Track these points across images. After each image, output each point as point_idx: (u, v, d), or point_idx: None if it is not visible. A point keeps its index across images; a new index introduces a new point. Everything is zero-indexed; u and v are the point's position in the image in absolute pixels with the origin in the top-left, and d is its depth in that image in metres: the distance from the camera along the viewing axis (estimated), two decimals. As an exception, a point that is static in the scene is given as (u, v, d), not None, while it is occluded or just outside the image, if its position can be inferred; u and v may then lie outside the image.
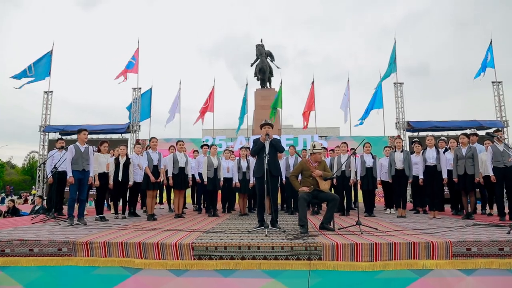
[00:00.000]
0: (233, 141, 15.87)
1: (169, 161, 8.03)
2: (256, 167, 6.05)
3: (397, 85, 16.71)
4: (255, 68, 20.19)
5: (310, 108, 18.18)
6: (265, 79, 20.29)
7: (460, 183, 7.35)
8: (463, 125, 16.46)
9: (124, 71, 16.17)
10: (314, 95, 18.50)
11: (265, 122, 6.06)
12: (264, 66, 20.08)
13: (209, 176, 8.27)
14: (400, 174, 7.82)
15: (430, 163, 7.51)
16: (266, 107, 19.30)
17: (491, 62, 16.78)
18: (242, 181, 8.66)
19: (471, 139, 8.24)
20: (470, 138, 8.26)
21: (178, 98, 17.69)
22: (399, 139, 8.08)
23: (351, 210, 8.88)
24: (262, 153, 5.89)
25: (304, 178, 5.93)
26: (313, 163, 5.98)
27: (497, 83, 16.74)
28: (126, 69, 16.20)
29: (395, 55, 16.83)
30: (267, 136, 5.86)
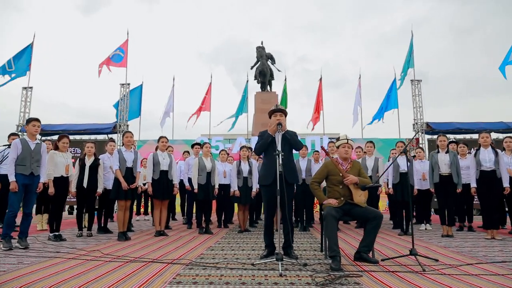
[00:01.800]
0: (231, 142, 14.13)
1: (148, 163, 6.28)
2: (262, 171, 4.32)
3: (415, 83, 15.04)
4: (255, 71, 19.40)
5: (319, 108, 16.52)
6: (265, 82, 19.22)
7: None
8: (489, 127, 14.72)
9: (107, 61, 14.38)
10: (321, 93, 16.84)
11: (276, 108, 4.34)
12: (264, 68, 19.04)
13: (201, 182, 6.52)
14: (446, 181, 6.07)
15: (486, 168, 5.78)
16: (266, 110, 17.59)
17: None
18: (242, 189, 6.91)
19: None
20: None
21: (172, 96, 15.96)
22: (444, 137, 6.35)
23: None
24: (272, 149, 4.18)
25: (330, 186, 4.21)
26: (343, 164, 4.25)
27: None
28: (110, 60, 14.43)
29: (412, 49, 15.19)
30: (279, 126, 4.13)
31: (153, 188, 6.10)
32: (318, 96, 16.98)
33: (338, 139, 4.34)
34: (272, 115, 4.36)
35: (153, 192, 6.11)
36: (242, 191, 6.89)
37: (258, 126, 17.19)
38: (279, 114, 4.29)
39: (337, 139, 4.33)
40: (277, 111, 4.31)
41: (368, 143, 7.26)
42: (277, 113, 4.30)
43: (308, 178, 7.18)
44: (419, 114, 14.81)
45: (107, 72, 13.93)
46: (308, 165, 7.41)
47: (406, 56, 15.29)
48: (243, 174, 6.98)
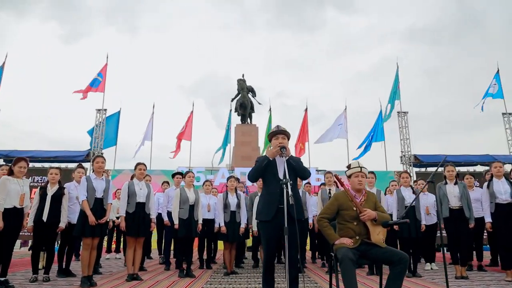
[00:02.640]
0: (213, 174, 13.31)
1: (122, 194, 5.41)
2: (262, 203, 3.57)
3: (401, 115, 14.87)
4: (235, 103, 19.37)
5: (304, 139, 16.02)
6: (245, 115, 19.21)
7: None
8: (476, 159, 14.55)
9: (88, 89, 13.63)
10: (307, 124, 16.41)
11: (277, 130, 3.68)
12: (245, 101, 19.07)
13: (182, 216, 5.68)
14: (456, 215, 5.46)
15: (502, 200, 5.23)
16: (246, 143, 17.63)
17: (499, 92, 15.27)
18: (229, 225, 6.08)
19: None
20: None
21: (151, 123, 15.15)
22: (452, 166, 5.80)
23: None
24: (273, 177, 3.50)
25: (342, 222, 3.50)
26: (356, 196, 3.58)
27: (508, 115, 15.16)
28: (89, 86, 13.68)
29: (398, 82, 15.10)
30: (283, 149, 3.45)
31: (127, 224, 5.21)
32: (303, 127, 16.54)
33: (348, 167, 3.67)
34: (273, 138, 3.68)
35: (127, 228, 5.21)
36: (229, 227, 6.07)
37: (238, 159, 16.60)
38: (281, 136, 3.62)
39: (347, 167, 3.67)
40: (279, 132, 3.64)
41: (369, 173, 6.66)
42: (279, 135, 3.63)
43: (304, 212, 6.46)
44: (407, 147, 14.51)
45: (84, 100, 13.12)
46: (303, 198, 6.69)
47: (392, 88, 15.18)
48: (230, 207, 6.18)
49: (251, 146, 17.98)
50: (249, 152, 17.44)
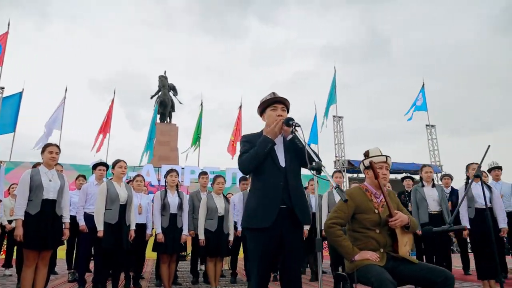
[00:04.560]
0: (136, 171, 11.59)
1: (19, 189, 3.76)
2: (254, 203, 2.40)
3: (337, 119, 14.73)
4: (155, 100, 17.74)
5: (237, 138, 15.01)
6: (165, 114, 18.11)
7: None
8: (403, 167, 15.03)
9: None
10: (241, 122, 15.45)
11: (275, 97, 2.56)
12: (166, 99, 18.01)
13: (110, 220, 4.22)
14: (436, 221, 4.89)
15: (480, 205, 4.77)
16: (165, 143, 16.36)
17: (423, 105, 16.03)
18: (168, 232, 4.74)
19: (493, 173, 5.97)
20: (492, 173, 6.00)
21: (61, 109, 12.81)
22: (430, 167, 5.24)
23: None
24: (273, 165, 2.39)
25: (360, 230, 2.56)
26: (377, 195, 2.64)
27: (430, 127, 15.97)
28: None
29: (335, 85, 14.96)
30: (291, 122, 2.35)
31: (26, 230, 3.58)
32: (237, 124, 15.54)
33: (367, 154, 2.70)
34: (268, 108, 2.56)
35: (26, 237, 3.58)
36: (167, 234, 4.73)
37: (155, 159, 15.14)
38: (281, 107, 2.53)
39: (365, 155, 2.70)
40: (278, 101, 2.54)
41: (337, 172, 5.83)
42: (278, 104, 2.53)
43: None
44: (341, 151, 14.39)
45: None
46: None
47: (329, 92, 14.99)
48: (169, 209, 4.85)
49: (170, 146, 16.73)
50: (167, 152, 16.24)
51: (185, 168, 11.78)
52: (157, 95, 18.41)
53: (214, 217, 4.93)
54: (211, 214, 4.94)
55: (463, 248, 6.37)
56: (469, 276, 6.02)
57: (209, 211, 4.95)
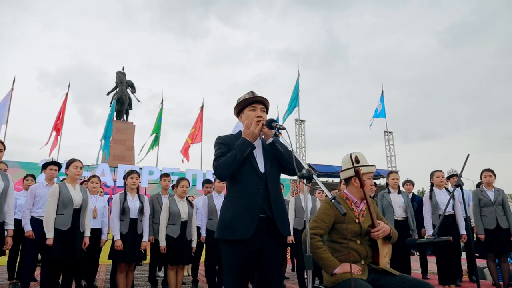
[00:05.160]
0: (90, 170, 10.94)
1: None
2: (231, 212, 2.19)
3: (299, 122, 14.80)
4: (112, 97, 16.98)
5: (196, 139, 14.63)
6: (122, 111, 17.43)
7: (491, 242, 4.80)
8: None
9: None
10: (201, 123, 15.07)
11: (254, 96, 2.37)
12: (123, 96, 17.34)
13: (61, 226, 3.81)
14: (401, 228, 4.92)
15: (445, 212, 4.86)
16: (120, 141, 15.75)
17: (382, 112, 16.52)
18: (127, 238, 4.40)
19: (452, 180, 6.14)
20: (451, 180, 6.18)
21: (8, 101, 11.80)
22: (396, 174, 5.29)
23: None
24: (249, 169, 2.20)
25: (339, 241, 2.44)
26: (357, 203, 2.53)
27: (388, 133, 16.49)
28: None
29: (298, 90, 15.02)
30: (274, 124, 2.17)
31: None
32: (197, 125, 15.14)
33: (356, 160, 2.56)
34: (246, 108, 2.37)
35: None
36: (127, 241, 4.39)
37: (111, 158, 14.51)
38: (260, 107, 2.35)
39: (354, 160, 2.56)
40: (257, 101, 2.36)
41: None
42: (257, 105, 2.35)
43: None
44: (302, 155, 14.46)
45: None
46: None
47: (292, 95, 15.04)
48: (129, 214, 4.51)
49: (126, 145, 16.12)
50: (122, 151, 15.64)
51: (143, 169, 11.28)
52: (114, 92, 17.69)
53: (177, 223, 4.65)
54: (174, 220, 4.66)
55: (422, 252, 6.51)
56: (427, 280, 6.16)
57: (172, 216, 4.66)
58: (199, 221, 5.45)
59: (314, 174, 1.73)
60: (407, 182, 6.49)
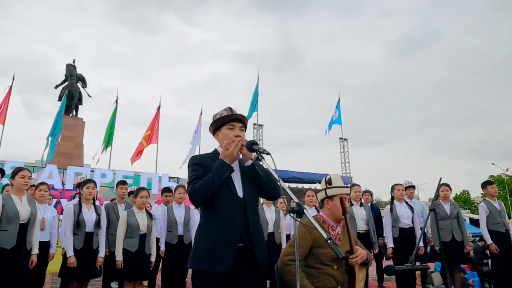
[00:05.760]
0: (36, 172, 10.17)
1: None
2: (207, 241, 2.03)
3: (257, 127, 14.77)
4: (61, 91, 16.21)
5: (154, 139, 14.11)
6: (71, 106, 16.62)
7: (446, 254, 4.99)
8: (317, 177, 15.62)
9: None
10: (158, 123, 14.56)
11: (232, 114, 2.23)
12: (73, 90, 16.54)
13: (4, 244, 3.42)
14: (363, 241, 4.97)
15: (405, 225, 5.01)
16: (69, 138, 14.96)
17: (338, 119, 16.95)
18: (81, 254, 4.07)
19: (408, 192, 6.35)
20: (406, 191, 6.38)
21: None
22: (358, 186, 5.36)
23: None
24: (227, 195, 2.06)
25: (316, 266, 2.37)
26: (334, 227, 2.48)
27: (343, 140, 16.93)
28: None
29: (257, 94, 14.98)
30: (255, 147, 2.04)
31: None
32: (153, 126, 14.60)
33: (329, 182, 2.51)
34: (223, 127, 2.23)
35: None
36: (81, 258, 4.06)
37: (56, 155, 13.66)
38: (239, 126, 2.23)
39: (328, 182, 2.51)
40: (236, 119, 2.23)
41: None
42: (236, 123, 2.22)
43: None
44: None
45: None
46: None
47: (252, 99, 14.99)
48: (85, 227, 4.18)
49: (75, 142, 15.36)
50: (71, 148, 14.88)
51: (95, 171, 10.68)
52: (62, 85, 16.74)
53: (135, 236, 4.39)
54: (132, 232, 4.39)
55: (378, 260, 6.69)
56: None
57: (130, 228, 4.39)
58: (158, 233, 5.20)
59: (304, 209, 1.63)
60: (365, 192, 6.64)
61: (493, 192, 5.18)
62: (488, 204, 5.07)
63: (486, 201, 5.14)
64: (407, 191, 6.29)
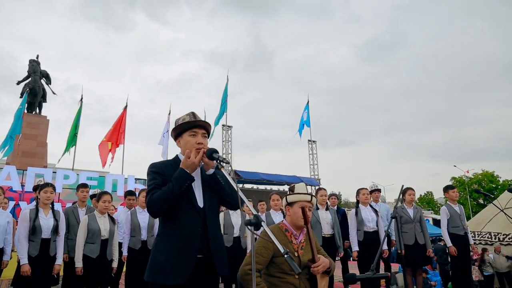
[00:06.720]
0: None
1: None
2: (164, 252, 1.97)
3: (226, 128, 14.66)
4: (23, 87, 15.86)
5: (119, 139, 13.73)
6: (34, 103, 16.02)
7: (408, 256, 5.12)
8: (286, 179, 15.68)
9: None
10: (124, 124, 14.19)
11: (196, 120, 2.16)
12: (36, 86, 15.91)
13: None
14: (328, 245, 5.04)
15: (369, 228, 5.10)
16: (31, 136, 14.53)
17: (307, 121, 17.11)
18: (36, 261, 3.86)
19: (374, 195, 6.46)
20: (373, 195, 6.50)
21: None
22: (324, 190, 5.40)
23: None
24: (186, 205, 2.00)
25: (278, 275, 2.36)
26: (296, 235, 2.47)
27: (311, 142, 17.12)
28: None
29: (227, 95, 14.89)
30: (215, 155, 1.98)
31: None
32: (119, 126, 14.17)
33: (292, 190, 2.51)
34: (185, 133, 2.16)
35: None
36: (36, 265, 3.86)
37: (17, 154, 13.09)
38: (202, 132, 2.16)
39: (291, 189, 2.51)
40: (198, 125, 2.17)
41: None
42: (198, 129, 2.16)
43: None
44: (230, 161, 14.36)
45: None
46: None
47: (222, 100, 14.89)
48: (41, 233, 3.97)
49: (37, 140, 14.81)
50: (33, 147, 14.35)
51: (58, 172, 10.25)
52: (25, 82, 16.04)
53: (96, 241, 4.23)
54: (93, 238, 4.23)
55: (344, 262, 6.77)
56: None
57: (90, 234, 4.23)
58: (121, 237, 5.04)
59: (262, 222, 1.60)
60: (332, 195, 6.71)
61: (454, 196, 5.36)
62: (449, 208, 5.25)
63: (447, 205, 5.31)
64: (372, 194, 6.40)
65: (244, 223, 1.73)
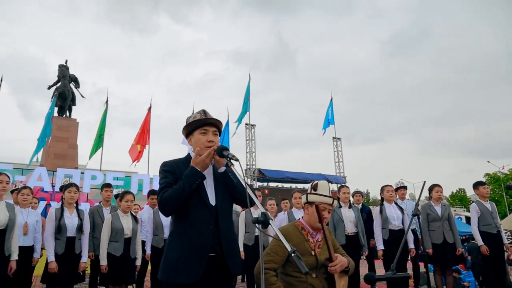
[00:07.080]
0: (26, 174, 10.04)
1: None
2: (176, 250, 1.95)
3: (249, 127, 14.65)
4: (53, 92, 16.34)
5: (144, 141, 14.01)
6: (64, 107, 16.51)
7: (437, 256, 4.92)
8: (310, 177, 15.52)
9: None
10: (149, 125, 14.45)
11: (206, 118, 2.13)
12: (66, 91, 16.38)
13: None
14: (352, 243, 4.93)
15: (395, 226, 4.95)
16: (62, 139, 14.95)
17: (332, 118, 16.88)
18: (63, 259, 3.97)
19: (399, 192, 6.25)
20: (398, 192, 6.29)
21: None
22: (347, 188, 5.29)
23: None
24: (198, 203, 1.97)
25: (294, 274, 2.29)
26: (313, 234, 2.40)
27: (336, 139, 16.87)
28: None
29: (249, 94, 14.89)
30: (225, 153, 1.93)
31: None
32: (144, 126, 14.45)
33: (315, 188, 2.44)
34: (196, 131, 2.13)
35: None
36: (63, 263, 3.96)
37: (50, 156, 13.52)
38: (213, 130, 2.13)
39: (312, 186, 2.45)
40: (209, 123, 2.14)
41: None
42: (209, 127, 2.13)
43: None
44: (252, 160, 14.35)
45: None
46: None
47: (244, 99, 14.90)
48: (66, 232, 4.07)
49: (68, 143, 15.26)
50: (64, 149, 14.80)
51: (85, 173, 10.56)
52: (55, 86, 16.62)
53: (120, 240, 4.30)
54: (116, 236, 4.30)
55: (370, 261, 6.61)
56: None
57: (114, 232, 4.30)
58: (144, 236, 5.11)
59: (270, 219, 1.55)
60: (356, 193, 6.57)
61: (484, 193, 5.12)
62: (480, 205, 5.01)
63: (477, 202, 5.08)
64: (398, 192, 6.21)
65: (252, 221, 1.69)
